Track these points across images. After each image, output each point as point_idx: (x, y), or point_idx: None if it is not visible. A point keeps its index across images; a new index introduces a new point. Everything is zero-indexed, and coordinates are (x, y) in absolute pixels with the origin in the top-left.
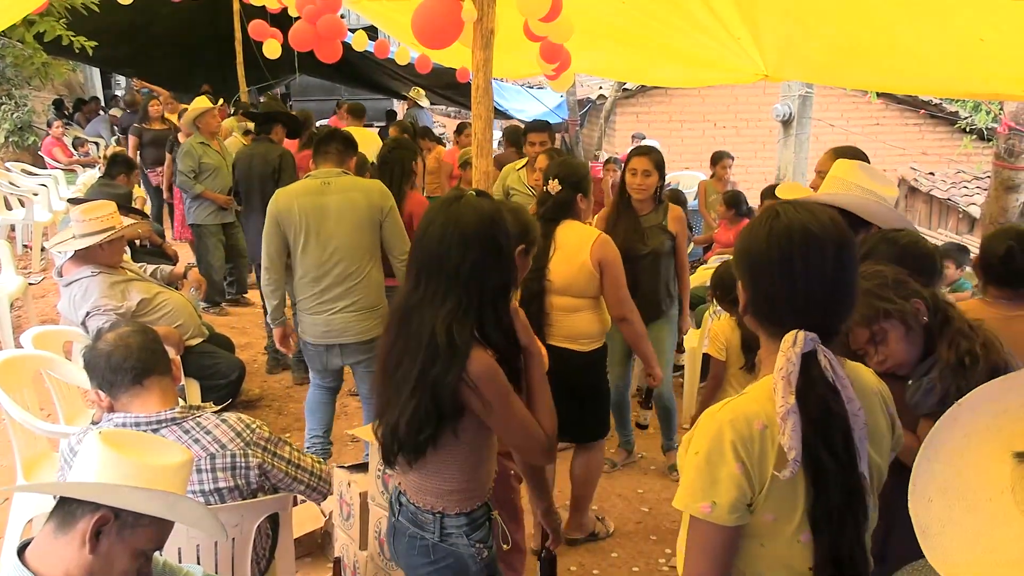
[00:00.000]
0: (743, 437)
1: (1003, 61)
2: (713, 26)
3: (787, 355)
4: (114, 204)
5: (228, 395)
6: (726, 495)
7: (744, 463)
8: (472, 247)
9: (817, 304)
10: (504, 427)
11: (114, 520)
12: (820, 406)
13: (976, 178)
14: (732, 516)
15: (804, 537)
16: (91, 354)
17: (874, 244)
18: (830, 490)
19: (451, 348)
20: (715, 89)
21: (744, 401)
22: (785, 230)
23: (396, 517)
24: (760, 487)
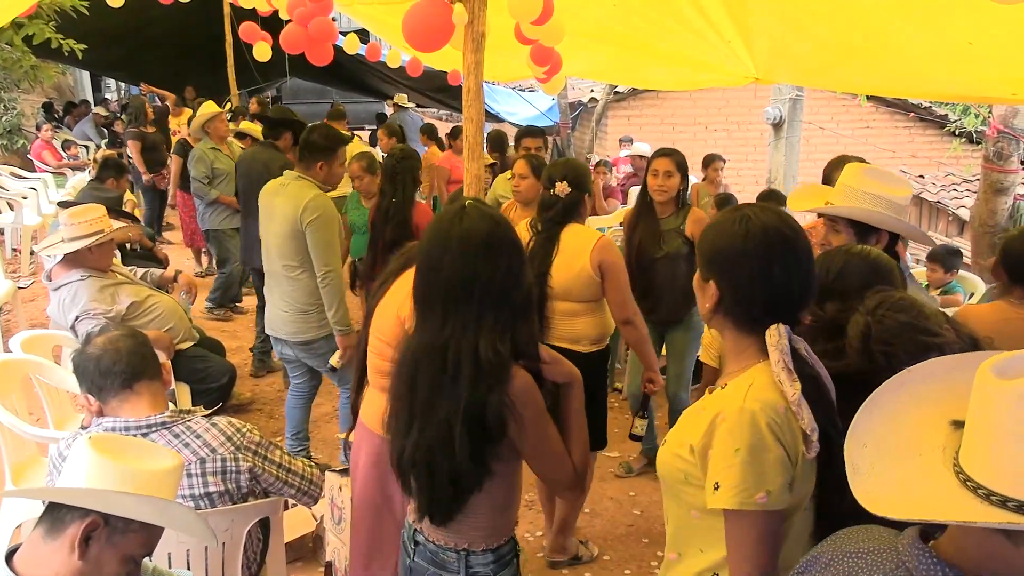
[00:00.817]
0: (777, 421)
1: (991, 64)
2: (704, 29)
3: (779, 348)
4: (103, 208)
5: (219, 399)
6: (776, 479)
7: (783, 445)
8: (499, 259)
9: (790, 298)
10: (536, 451)
11: (103, 526)
12: (815, 387)
13: (965, 181)
14: (784, 498)
15: (808, 504)
16: (80, 358)
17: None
18: (837, 458)
19: (495, 366)
20: (706, 92)
21: (757, 390)
22: (761, 231)
23: (412, 558)
24: (795, 464)
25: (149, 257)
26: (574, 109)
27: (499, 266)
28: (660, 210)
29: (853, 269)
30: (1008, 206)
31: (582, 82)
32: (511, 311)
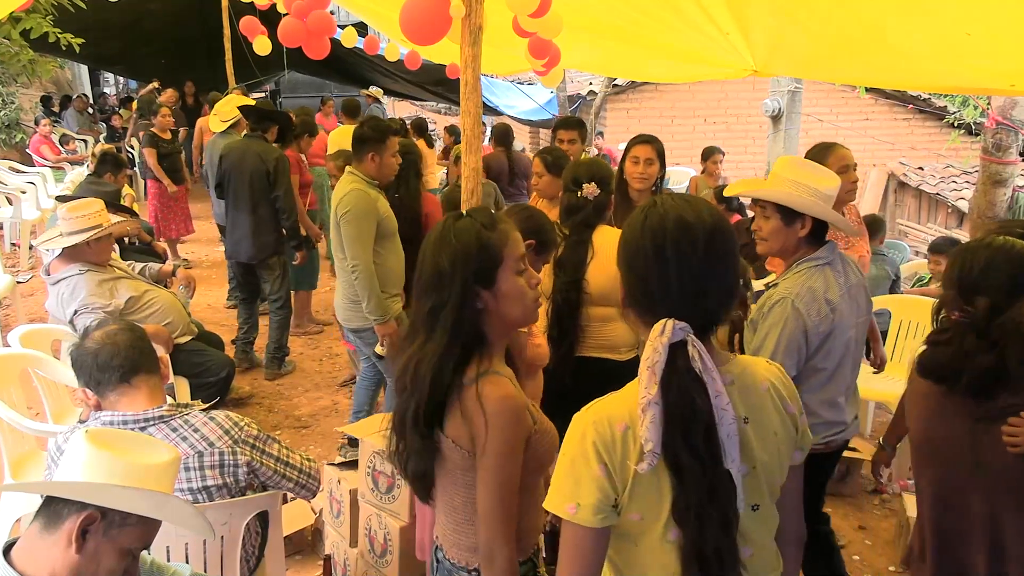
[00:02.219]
0: (604, 439)
1: (990, 56)
2: (702, 22)
3: (654, 344)
4: (101, 202)
5: (217, 393)
6: (589, 496)
7: (606, 465)
8: (423, 267)
9: (688, 294)
10: (486, 482)
11: (101, 519)
12: (682, 399)
13: (965, 172)
14: (596, 517)
15: (672, 535)
16: (78, 352)
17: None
18: (688, 486)
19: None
20: (705, 85)
21: (610, 401)
22: (659, 220)
23: (434, 573)
24: (623, 487)
25: (148, 252)
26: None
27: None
28: (637, 198)
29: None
30: (1007, 197)
31: (581, 75)
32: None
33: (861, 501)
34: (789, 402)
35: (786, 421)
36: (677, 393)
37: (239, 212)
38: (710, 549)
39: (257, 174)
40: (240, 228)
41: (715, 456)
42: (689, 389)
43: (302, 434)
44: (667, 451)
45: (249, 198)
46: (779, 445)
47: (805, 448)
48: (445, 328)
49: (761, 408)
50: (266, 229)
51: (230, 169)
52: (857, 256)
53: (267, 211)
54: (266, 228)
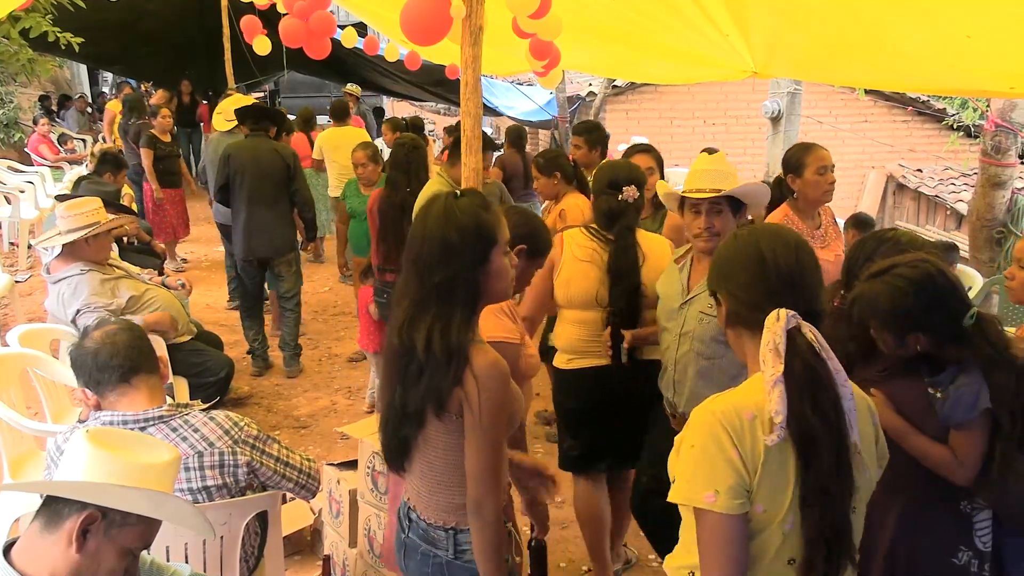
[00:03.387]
0: (734, 427)
1: (989, 58)
2: (702, 23)
3: (772, 330)
4: (99, 200)
5: (216, 393)
6: (726, 481)
7: (738, 450)
8: (427, 243)
9: (787, 287)
10: (475, 440)
11: (101, 519)
12: (807, 371)
13: (963, 175)
14: (735, 502)
15: (788, 526)
16: (78, 352)
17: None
18: (821, 455)
19: (445, 355)
20: (705, 86)
21: (734, 394)
22: (751, 234)
23: (406, 534)
24: (755, 472)
25: (147, 251)
26: (572, 103)
27: (422, 258)
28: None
29: (881, 254)
30: (1006, 200)
31: (580, 76)
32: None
33: None
34: (874, 414)
35: (877, 433)
36: (801, 367)
37: (258, 208)
38: (832, 526)
39: (276, 170)
40: (260, 225)
41: (842, 425)
42: (812, 363)
43: (301, 434)
44: (797, 422)
45: (270, 194)
46: (877, 455)
47: (883, 463)
48: (460, 299)
49: (864, 422)
50: (286, 224)
51: (242, 168)
52: (833, 256)
53: (286, 206)
54: (286, 223)
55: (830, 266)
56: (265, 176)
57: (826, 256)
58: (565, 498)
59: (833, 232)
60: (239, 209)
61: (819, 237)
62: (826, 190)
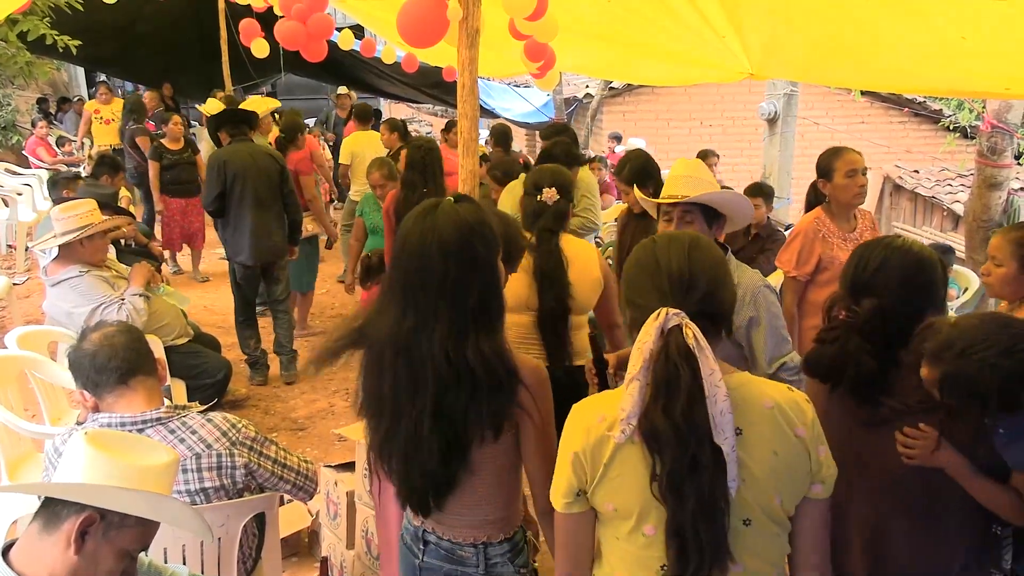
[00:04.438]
0: (582, 427)
1: (984, 59)
2: (698, 24)
3: (647, 328)
4: (93, 201)
5: (214, 395)
6: (563, 481)
7: (577, 452)
8: (451, 259)
9: (677, 285)
10: (542, 448)
11: (100, 521)
12: (668, 371)
13: (960, 176)
14: (563, 501)
15: (648, 529)
16: (76, 354)
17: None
18: (666, 458)
19: (505, 372)
20: (701, 87)
21: (600, 396)
22: (650, 240)
23: (421, 559)
24: (592, 476)
25: (144, 253)
26: (569, 105)
27: (449, 271)
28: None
29: (894, 264)
30: (1002, 201)
31: (577, 78)
32: (467, 316)
33: None
34: (798, 425)
35: (793, 443)
36: (663, 368)
37: (262, 212)
38: (689, 529)
39: (273, 173)
40: (265, 229)
41: (696, 429)
42: (676, 363)
43: (298, 436)
44: (646, 422)
45: (269, 197)
46: (779, 466)
47: (827, 482)
48: (495, 312)
49: (758, 424)
50: (282, 226)
51: (243, 173)
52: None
53: (281, 209)
54: (281, 225)
55: None
56: (264, 179)
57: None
58: None
59: (870, 236)
60: (242, 215)
61: (852, 240)
62: (856, 193)
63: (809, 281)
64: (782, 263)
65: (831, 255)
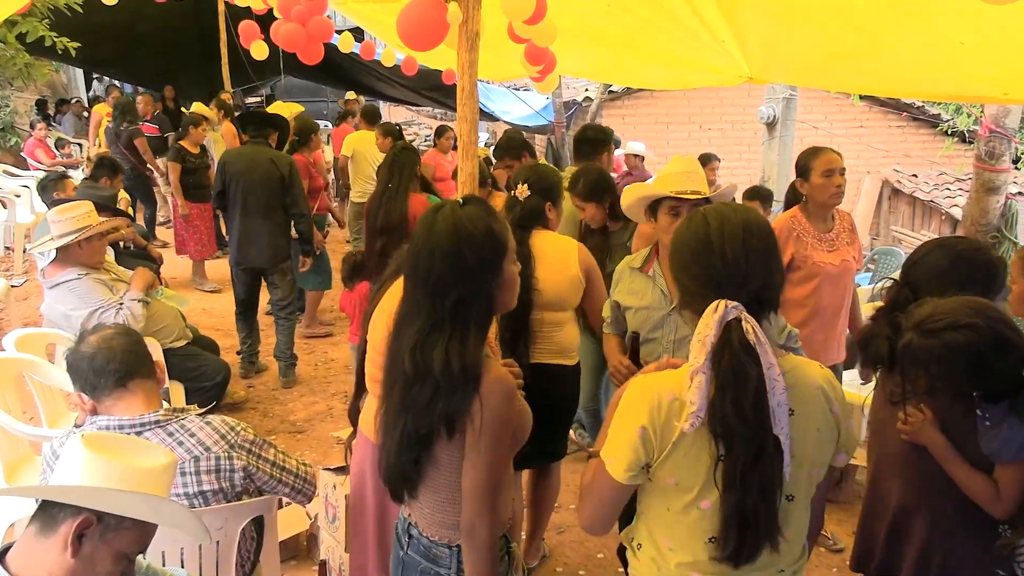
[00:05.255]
0: (651, 404)
1: (983, 64)
2: (698, 28)
3: (707, 321)
4: (91, 204)
5: (213, 398)
6: (624, 456)
7: (646, 428)
8: (436, 259)
9: (734, 276)
10: (476, 460)
11: (97, 523)
12: (732, 365)
13: (958, 180)
14: (626, 475)
15: (705, 504)
16: (74, 356)
17: (926, 249)
18: (736, 448)
19: (463, 374)
20: (701, 91)
21: (663, 375)
22: (701, 218)
23: (405, 551)
24: (660, 452)
25: (143, 256)
26: (568, 108)
27: (433, 270)
28: (609, 224)
29: (931, 259)
30: (999, 205)
31: (576, 81)
32: (447, 317)
33: (856, 507)
34: (835, 403)
35: (829, 420)
36: (727, 360)
37: (252, 218)
38: (751, 511)
39: (271, 179)
40: (254, 234)
41: (763, 421)
42: (741, 359)
43: (297, 439)
44: (716, 415)
45: (263, 204)
46: (821, 442)
47: (849, 451)
48: (475, 316)
49: (808, 404)
50: (280, 234)
51: (238, 176)
52: (839, 260)
53: (281, 216)
54: (280, 233)
55: (833, 269)
56: (258, 185)
57: (831, 260)
58: (562, 502)
59: (846, 237)
60: (233, 217)
61: (827, 240)
62: (833, 192)
63: None
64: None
65: (804, 254)
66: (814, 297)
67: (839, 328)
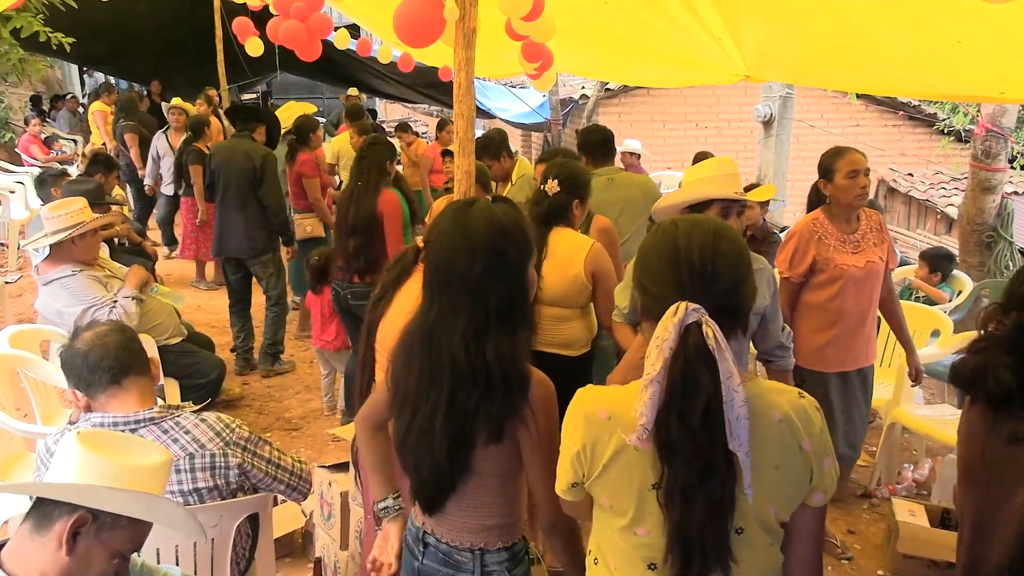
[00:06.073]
0: (583, 421)
1: (979, 63)
2: (694, 27)
3: (665, 324)
4: (84, 200)
5: (208, 395)
6: (563, 472)
7: (577, 447)
8: (478, 257)
9: (697, 276)
10: (543, 465)
11: (92, 521)
12: (683, 371)
13: (954, 179)
14: (562, 488)
15: (641, 531)
16: (68, 353)
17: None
18: (678, 465)
19: (518, 379)
20: (697, 89)
21: (605, 390)
22: (671, 223)
23: (420, 560)
24: (591, 472)
25: (138, 252)
26: (565, 106)
27: (473, 268)
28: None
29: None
30: (995, 204)
31: (573, 79)
32: (489, 315)
33: (850, 506)
34: (805, 438)
35: (795, 458)
36: (682, 369)
37: (228, 209)
38: (695, 535)
39: (246, 172)
40: (230, 225)
41: (712, 436)
42: (696, 366)
43: (292, 436)
44: (660, 427)
45: (238, 196)
46: (780, 481)
47: (827, 490)
48: (520, 317)
49: (765, 439)
50: (256, 226)
51: (219, 168)
52: (864, 262)
53: (256, 208)
54: (256, 225)
55: (857, 271)
56: (234, 178)
57: (855, 262)
58: None
59: (873, 238)
60: (217, 207)
61: (851, 242)
62: (858, 194)
63: (804, 283)
64: (778, 264)
65: (827, 257)
66: (838, 300)
67: (866, 330)
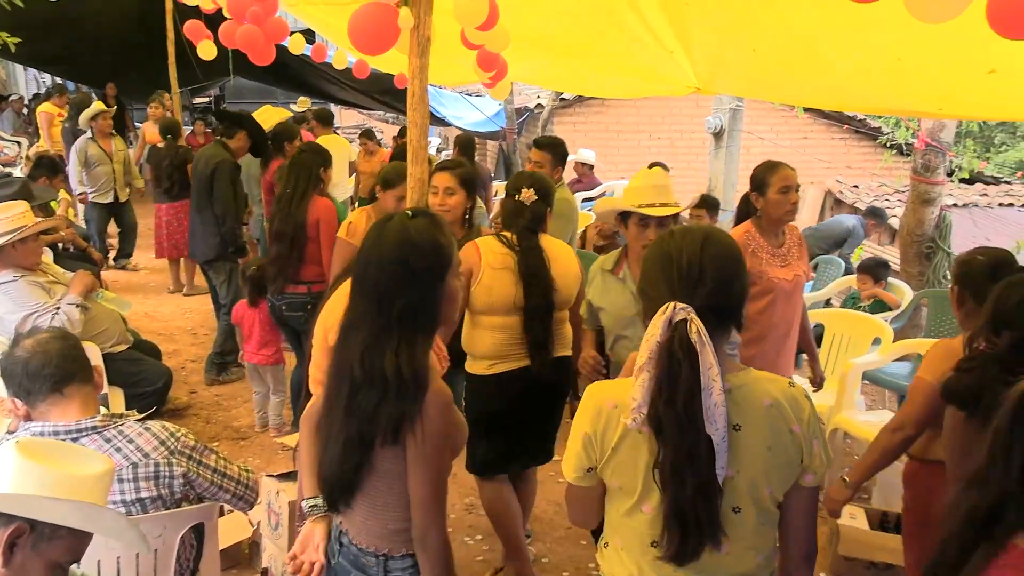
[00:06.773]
0: (594, 411)
1: (919, 80)
2: (647, 39)
3: (656, 322)
4: (26, 203)
5: (154, 403)
6: (570, 458)
7: (588, 434)
8: (384, 268)
9: (685, 278)
10: (424, 472)
11: (30, 532)
12: (670, 363)
13: (897, 191)
14: (574, 475)
15: (646, 508)
16: (8, 360)
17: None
18: (669, 446)
19: (413, 382)
20: (650, 101)
21: (611, 384)
22: (668, 233)
23: (336, 558)
24: (602, 455)
25: (82, 258)
26: (520, 115)
27: (380, 279)
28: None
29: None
30: (934, 216)
31: (528, 88)
32: (394, 326)
33: None
34: (794, 422)
35: (785, 440)
36: (667, 359)
37: (193, 212)
38: (689, 509)
39: (202, 178)
40: (192, 228)
41: (695, 420)
42: (677, 356)
43: (240, 445)
44: (653, 413)
45: (197, 200)
46: (772, 460)
47: (816, 471)
48: (423, 325)
49: (756, 422)
50: (210, 232)
51: (193, 171)
52: (791, 275)
53: (210, 215)
54: (210, 231)
55: (787, 285)
56: (197, 180)
57: (784, 275)
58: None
59: (796, 252)
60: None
61: (780, 256)
62: (788, 209)
63: None
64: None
65: (759, 270)
66: (768, 313)
67: (790, 344)
